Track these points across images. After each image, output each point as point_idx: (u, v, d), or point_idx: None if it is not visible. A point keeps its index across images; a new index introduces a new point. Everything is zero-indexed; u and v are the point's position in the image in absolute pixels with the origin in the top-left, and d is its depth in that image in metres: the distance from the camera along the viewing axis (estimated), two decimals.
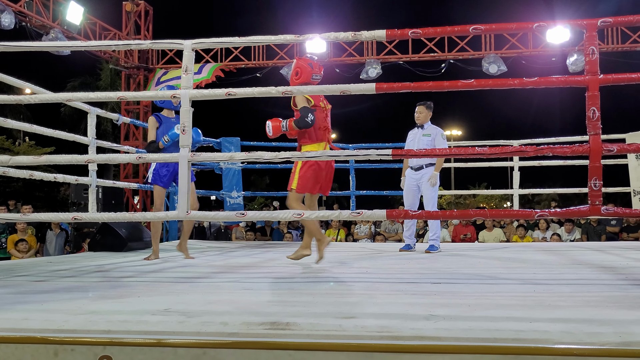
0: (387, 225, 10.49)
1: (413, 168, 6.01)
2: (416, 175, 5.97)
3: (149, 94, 4.17)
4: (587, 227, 9.70)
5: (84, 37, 11.97)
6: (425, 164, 5.95)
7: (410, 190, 6.04)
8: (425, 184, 5.94)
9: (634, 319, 2.16)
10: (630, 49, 12.30)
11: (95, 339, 2.10)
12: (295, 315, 2.28)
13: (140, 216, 3.76)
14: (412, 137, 6.06)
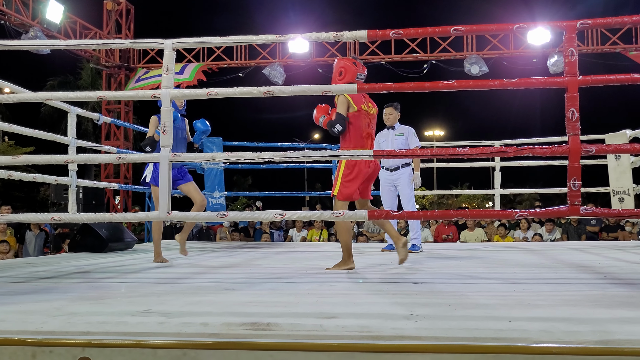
0: (370, 225, 10.52)
1: (389, 169, 6.02)
2: (392, 175, 6.00)
3: (129, 94, 4.14)
4: (567, 226, 9.80)
5: (64, 36, 11.86)
6: (401, 164, 5.98)
7: (388, 191, 6.06)
8: (404, 184, 5.97)
9: (611, 317, 2.18)
10: (609, 50, 12.45)
11: (74, 340, 2.07)
12: (276, 315, 2.27)
13: (120, 217, 3.73)
14: (385, 139, 6.06)
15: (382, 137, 6.11)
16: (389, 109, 6.05)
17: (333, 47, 13.20)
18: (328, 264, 4.65)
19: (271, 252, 5.98)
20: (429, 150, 3.75)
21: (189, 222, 5.26)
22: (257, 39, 3.71)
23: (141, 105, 15.94)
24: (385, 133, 6.10)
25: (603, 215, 3.49)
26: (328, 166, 8.89)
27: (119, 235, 6.18)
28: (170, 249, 6.29)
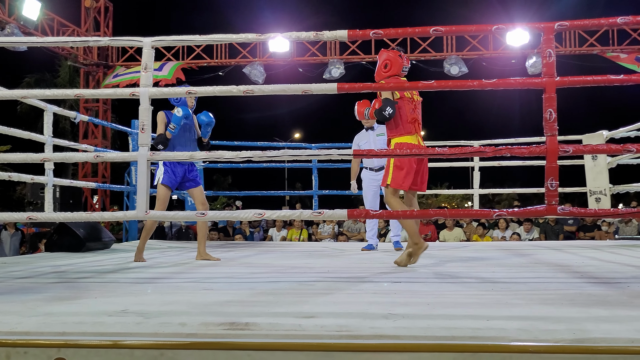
0: (350, 224, 10.53)
1: (374, 169, 6.05)
2: (377, 175, 6.01)
3: (107, 92, 4.09)
4: (545, 226, 9.90)
5: (41, 33, 11.72)
6: (383, 165, 6.00)
7: (371, 191, 6.09)
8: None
9: (587, 316, 2.20)
10: (587, 52, 12.59)
11: (49, 341, 2.05)
12: (255, 315, 2.26)
13: (97, 216, 3.69)
14: (366, 140, 6.07)
15: (362, 139, 6.12)
16: None
17: (314, 46, 13.20)
18: (308, 263, 4.65)
19: (251, 252, 5.96)
20: (408, 150, 3.77)
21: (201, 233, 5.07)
22: (236, 38, 3.69)
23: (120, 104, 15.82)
24: (365, 134, 6.11)
25: (580, 215, 3.53)
26: (308, 165, 8.88)
27: (96, 234, 6.12)
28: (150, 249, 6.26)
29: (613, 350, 1.84)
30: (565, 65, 12.64)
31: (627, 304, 2.47)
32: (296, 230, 10.30)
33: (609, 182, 7.78)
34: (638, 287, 2.99)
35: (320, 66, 13.19)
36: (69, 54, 13.45)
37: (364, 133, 6.12)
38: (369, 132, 6.07)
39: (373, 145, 5.98)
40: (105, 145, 13.30)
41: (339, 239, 10.05)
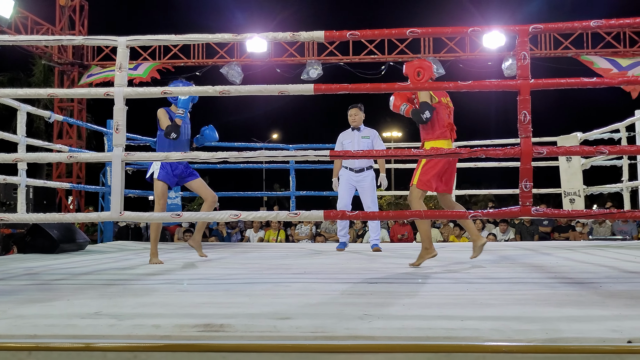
0: (327, 225, 10.54)
1: (354, 170, 6.06)
2: (357, 177, 6.05)
3: (81, 91, 4.04)
4: (520, 227, 10.01)
5: (14, 32, 11.55)
6: (366, 167, 6.06)
7: (348, 191, 6.12)
8: (368, 186, 6.08)
9: (560, 316, 2.23)
10: (561, 54, 12.75)
11: (20, 344, 2.01)
12: (230, 316, 2.25)
13: (71, 217, 3.64)
14: (350, 140, 6.10)
15: (347, 138, 6.14)
16: (354, 110, 6.10)
17: (291, 47, 13.19)
18: (284, 264, 4.64)
19: (227, 253, 5.93)
20: (385, 151, 3.78)
21: (200, 223, 5.10)
22: (213, 38, 3.67)
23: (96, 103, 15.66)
24: (350, 134, 6.14)
25: (553, 216, 3.57)
26: (286, 166, 8.88)
27: (70, 236, 6.04)
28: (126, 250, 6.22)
29: (585, 349, 1.86)
30: (540, 67, 12.80)
31: (600, 304, 2.50)
32: (273, 231, 10.28)
33: (583, 184, 7.89)
34: (610, 287, 3.03)
35: (298, 67, 13.19)
36: (44, 52, 13.28)
37: (349, 132, 6.15)
38: (355, 132, 6.11)
39: (357, 146, 6.01)
40: (80, 146, 13.15)
41: (316, 240, 10.05)
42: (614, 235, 9.56)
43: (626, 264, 4.33)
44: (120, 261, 4.95)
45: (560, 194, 8.09)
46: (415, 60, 4.53)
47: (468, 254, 4.99)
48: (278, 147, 9.28)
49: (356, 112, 6.09)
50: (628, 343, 1.87)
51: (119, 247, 6.94)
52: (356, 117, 6.09)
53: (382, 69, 13.16)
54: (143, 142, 8.34)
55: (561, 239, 9.52)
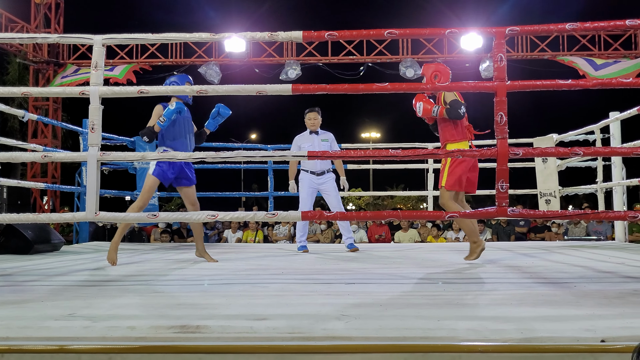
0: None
1: (316, 173, 6.13)
2: (319, 179, 6.16)
3: (55, 90, 4.00)
4: (497, 227, 10.09)
5: None
6: (327, 169, 6.16)
7: (311, 195, 6.20)
8: (331, 188, 6.18)
9: (535, 315, 2.25)
10: (538, 57, 12.89)
11: None
12: (206, 317, 2.24)
13: (45, 217, 3.59)
14: (310, 143, 6.15)
15: (306, 141, 6.16)
16: (314, 114, 6.18)
17: (270, 47, 13.16)
18: (262, 264, 4.63)
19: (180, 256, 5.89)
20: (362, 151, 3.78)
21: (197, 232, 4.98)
22: (190, 37, 3.64)
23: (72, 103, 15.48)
24: (309, 137, 6.17)
25: (529, 216, 3.61)
26: (264, 167, 8.86)
27: (45, 236, 5.96)
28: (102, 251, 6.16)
29: (559, 348, 1.88)
30: (517, 69, 12.93)
31: (574, 304, 2.53)
32: (251, 232, 10.25)
33: (559, 185, 7.99)
34: (584, 287, 3.07)
35: (277, 67, 13.16)
36: (18, 50, 13.09)
37: (307, 136, 6.20)
38: (313, 135, 6.15)
39: (317, 149, 6.05)
40: (55, 145, 12.98)
41: (294, 241, 10.03)
42: (589, 236, 9.69)
43: (600, 263, 4.38)
44: (96, 262, 4.89)
45: (536, 194, 8.18)
46: (433, 63, 4.72)
47: (446, 255, 5.03)
48: (256, 147, 9.24)
49: (315, 115, 6.18)
50: (601, 342, 1.89)
51: (94, 247, 6.87)
52: (315, 121, 6.17)
53: (360, 69, 13.19)
54: (119, 142, 8.27)
55: (537, 240, 9.62)
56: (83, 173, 7.81)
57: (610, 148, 5.90)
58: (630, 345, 1.86)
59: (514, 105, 3.39)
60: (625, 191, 7.29)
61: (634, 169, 7.38)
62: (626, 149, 3.53)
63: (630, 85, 3.45)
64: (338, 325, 2.09)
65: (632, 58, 12.22)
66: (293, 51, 13.14)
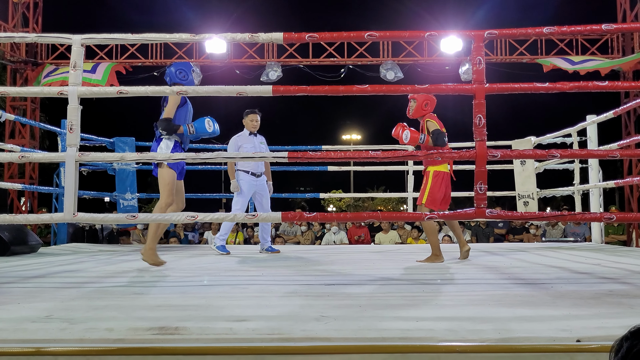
0: (286, 228, 10.53)
1: (256, 174, 6.19)
2: (257, 181, 6.21)
3: (34, 90, 3.95)
4: (476, 229, 10.16)
5: None
6: (263, 172, 6.29)
7: (249, 195, 6.21)
8: (266, 190, 6.33)
9: (512, 316, 2.27)
10: (517, 60, 13.01)
11: None
12: (186, 319, 2.23)
13: (22, 218, 3.56)
14: (251, 144, 6.16)
15: (247, 142, 6.16)
16: (256, 116, 6.24)
17: (251, 48, 13.13)
18: (242, 266, 4.62)
19: (184, 255, 5.87)
20: (343, 153, 3.79)
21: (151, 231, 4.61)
22: (170, 38, 3.63)
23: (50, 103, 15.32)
24: (249, 138, 6.18)
25: (507, 218, 3.65)
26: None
27: (22, 238, 5.89)
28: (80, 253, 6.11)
29: (535, 348, 1.91)
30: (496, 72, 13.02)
31: (550, 304, 2.56)
32: (232, 233, 10.21)
33: (537, 187, 8.07)
34: (561, 288, 3.10)
35: (258, 68, 13.13)
36: None
37: (247, 136, 6.21)
38: (252, 137, 6.19)
39: (258, 149, 6.13)
40: (33, 146, 12.82)
41: (275, 242, 10.02)
42: (567, 237, 9.79)
43: (576, 265, 4.44)
44: (74, 264, 4.85)
45: (515, 196, 8.26)
46: (424, 94, 4.98)
47: (424, 255, 5.06)
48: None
49: (257, 117, 6.22)
50: (577, 342, 1.92)
51: (73, 249, 6.80)
52: (257, 123, 6.21)
53: (341, 71, 13.20)
54: (98, 143, 8.20)
55: (515, 241, 9.70)
56: (61, 174, 7.72)
57: (586, 150, 5.98)
58: (605, 345, 1.89)
59: (492, 108, 3.43)
60: (601, 193, 7.39)
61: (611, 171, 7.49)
62: (602, 152, 3.59)
63: (605, 89, 3.51)
64: (317, 326, 2.10)
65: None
66: (274, 53, 13.12)
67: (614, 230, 10.13)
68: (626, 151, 6.11)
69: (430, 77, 13.07)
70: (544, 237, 10.02)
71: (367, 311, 2.40)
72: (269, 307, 2.52)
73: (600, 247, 6.70)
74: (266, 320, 2.23)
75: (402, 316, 2.29)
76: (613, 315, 2.29)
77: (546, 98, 31.01)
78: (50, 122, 13.98)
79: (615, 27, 4.29)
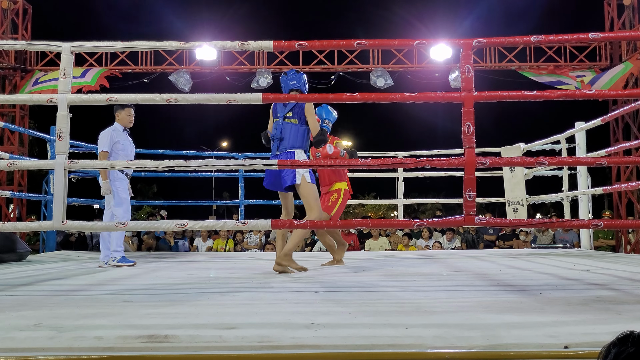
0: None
1: (129, 176, 5.86)
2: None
3: (23, 97, 3.94)
4: (466, 235, 10.19)
5: None
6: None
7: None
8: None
9: (501, 322, 2.28)
10: (506, 67, 13.09)
11: None
12: (175, 327, 2.23)
13: (10, 226, 3.54)
14: (128, 141, 5.78)
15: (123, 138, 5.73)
16: (132, 110, 5.78)
17: (241, 55, 13.14)
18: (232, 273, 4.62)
19: (174, 262, 5.85)
20: (333, 160, 3.81)
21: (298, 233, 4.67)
22: (160, 45, 3.63)
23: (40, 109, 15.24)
24: (123, 134, 5.73)
25: (496, 225, 3.67)
26: (235, 175, 8.83)
27: (10, 245, 5.86)
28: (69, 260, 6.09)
29: (524, 355, 1.92)
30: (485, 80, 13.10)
31: (539, 310, 2.57)
32: (222, 240, 10.19)
33: (526, 193, 8.11)
34: (549, 294, 3.12)
35: (248, 75, 13.14)
36: None
37: (120, 132, 5.73)
38: (125, 132, 5.77)
39: (130, 147, 5.78)
40: (22, 153, 12.75)
41: (266, 249, 10.00)
42: (556, 243, 9.84)
43: (565, 271, 4.47)
44: (63, 271, 4.83)
45: (504, 203, 8.30)
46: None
47: (415, 262, 5.08)
48: (227, 155, 9.21)
49: (133, 112, 5.79)
50: (565, 348, 1.93)
51: (62, 256, 6.77)
52: (133, 119, 5.78)
53: (331, 78, 13.23)
54: (88, 150, 8.16)
55: (505, 247, 9.73)
56: (50, 181, 7.69)
57: (574, 158, 6.02)
58: (593, 351, 1.90)
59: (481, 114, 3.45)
60: (590, 200, 7.44)
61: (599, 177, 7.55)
62: (590, 159, 3.62)
63: (593, 97, 3.54)
64: (307, 333, 2.10)
65: (597, 70, 12.48)
66: (264, 60, 13.14)
67: (604, 234, 10.20)
68: (614, 158, 6.15)
69: (420, 84, 13.13)
70: (533, 243, 10.07)
71: (357, 318, 2.41)
72: (259, 315, 2.51)
73: (589, 254, 6.74)
74: (256, 327, 2.23)
75: (391, 323, 2.30)
76: (601, 322, 2.30)
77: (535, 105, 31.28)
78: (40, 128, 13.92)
79: (602, 36, 4.33)
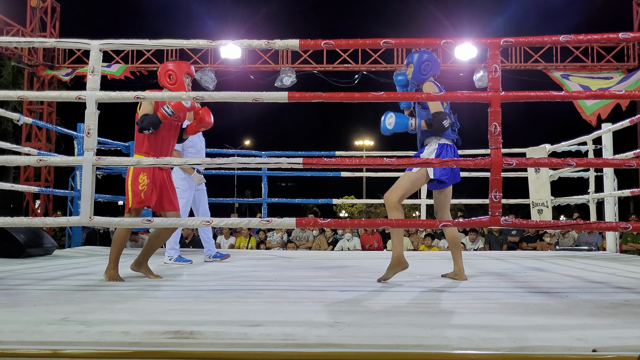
0: (299, 233, 10.54)
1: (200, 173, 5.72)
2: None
3: (52, 94, 4.00)
4: (489, 236, 10.12)
5: None
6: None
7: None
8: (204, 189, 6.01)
9: (527, 324, 2.26)
10: (531, 67, 12.97)
11: None
12: (200, 323, 2.24)
13: (39, 221, 3.59)
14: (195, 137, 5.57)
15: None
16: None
17: (266, 54, 13.19)
18: (255, 271, 4.63)
19: (197, 260, 5.89)
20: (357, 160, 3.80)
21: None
22: (187, 43, 3.65)
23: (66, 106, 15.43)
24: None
25: (522, 226, 3.63)
26: (258, 173, 8.85)
27: (37, 240, 5.94)
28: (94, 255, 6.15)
29: (551, 357, 1.90)
30: (511, 79, 12.99)
31: (566, 313, 2.55)
32: (244, 238, 10.23)
33: (551, 195, 8.02)
34: (576, 297, 3.09)
35: (272, 74, 13.19)
36: (13, 54, 13.06)
37: None
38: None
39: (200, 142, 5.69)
40: (49, 149, 12.94)
41: (287, 247, 10.03)
42: (579, 246, 9.72)
43: (591, 274, 4.41)
44: (89, 266, 4.88)
45: (528, 204, 8.21)
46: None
47: (437, 263, 5.05)
48: (250, 153, 9.24)
49: None
50: (593, 352, 1.91)
51: (87, 252, 6.85)
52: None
53: (355, 77, 13.23)
54: (114, 147, 8.25)
55: (529, 249, 9.65)
56: (77, 177, 7.78)
57: (602, 159, 5.94)
58: (622, 355, 1.88)
59: (507, 115, 3.41)
60: (616, 202, 7.33)
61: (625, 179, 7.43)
62: (618, 161, 3.57)
63: (622, 97, 3.49)
64: (331, 332, 2.10)
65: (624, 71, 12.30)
66: (288, 58, 13.17)
67: (633, 238, 10.05)
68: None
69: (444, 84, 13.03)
70: (557, 245, 9.96)
71: (380, 318, 2.40)
72: (283, 313, 2.52)
73: (615, 256, 6.64)
74: (280, 325, 2.24)
75: (416, 323, 2.29)
76: (629, 325, 2.27)
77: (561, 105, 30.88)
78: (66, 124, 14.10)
79: (633, 36, 4.26)
